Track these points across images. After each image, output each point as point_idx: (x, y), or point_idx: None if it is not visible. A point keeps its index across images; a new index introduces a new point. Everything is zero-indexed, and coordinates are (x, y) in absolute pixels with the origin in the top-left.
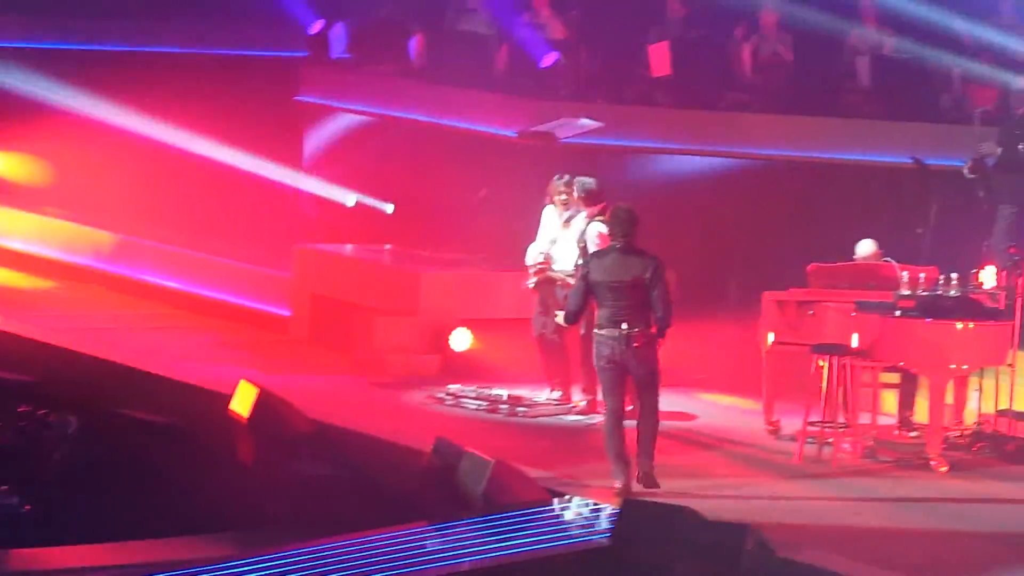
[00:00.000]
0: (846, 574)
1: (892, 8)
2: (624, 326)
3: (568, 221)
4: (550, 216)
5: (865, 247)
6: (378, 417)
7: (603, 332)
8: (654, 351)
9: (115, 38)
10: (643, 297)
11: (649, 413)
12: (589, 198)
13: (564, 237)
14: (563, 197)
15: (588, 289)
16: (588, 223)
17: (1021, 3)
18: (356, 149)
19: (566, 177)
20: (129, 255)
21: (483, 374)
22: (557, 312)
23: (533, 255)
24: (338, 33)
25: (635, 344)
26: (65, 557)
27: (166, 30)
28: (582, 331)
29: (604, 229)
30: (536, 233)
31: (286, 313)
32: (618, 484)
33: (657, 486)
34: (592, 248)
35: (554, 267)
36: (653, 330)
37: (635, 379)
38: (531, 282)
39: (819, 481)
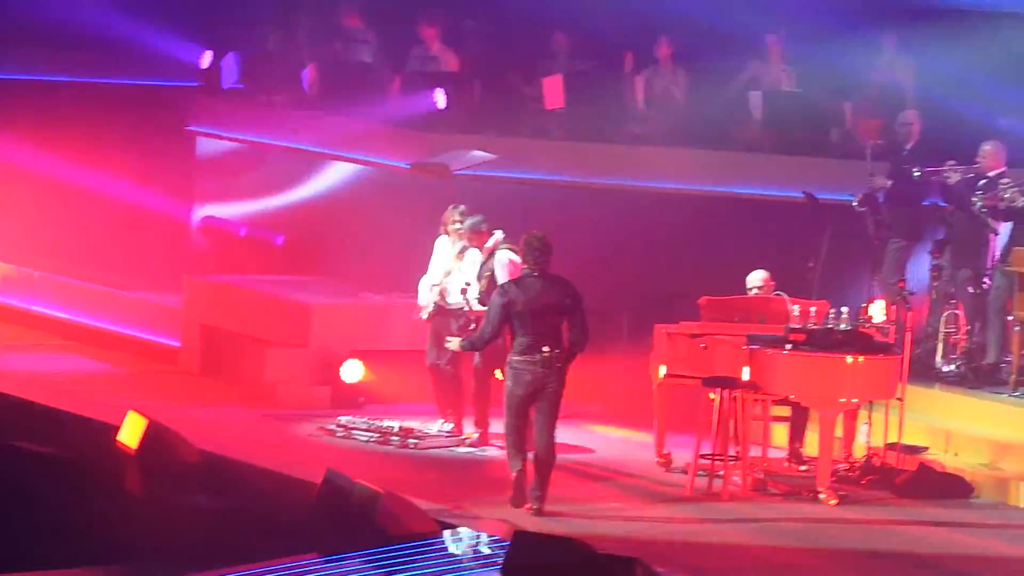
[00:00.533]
0: None
1: (789, 45)
2: (545, 350)
3: (462, 252)
4: (443, 246)
5: (756, 277)
6: (269, 449)
7: (523, 358)
8: (566, 374)
9: (7, 67)
10: (560, 322)
11: (549, 442)
12: (473, 237)
13: (458, 268)
14: (458, 227)
15: (506, 316)
16: (494, 252)
17: (902, 41)
18: (248, 179)
19: (461, 207)
20: (19, 285)
21: (375, 406)
22: (450, 339)
23: (425, 287)
24: (229, 63)
25: (557, 365)
26: None
27: (58, 59)
28: (476, 362)
29: (515, 257)
30: (428, 264)
31: (176, 344)
32: (515, 471)
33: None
34: (502, 277)
35: (448, 299)
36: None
37: (542, 404)
38: (424, 313)
39: (710, 514)
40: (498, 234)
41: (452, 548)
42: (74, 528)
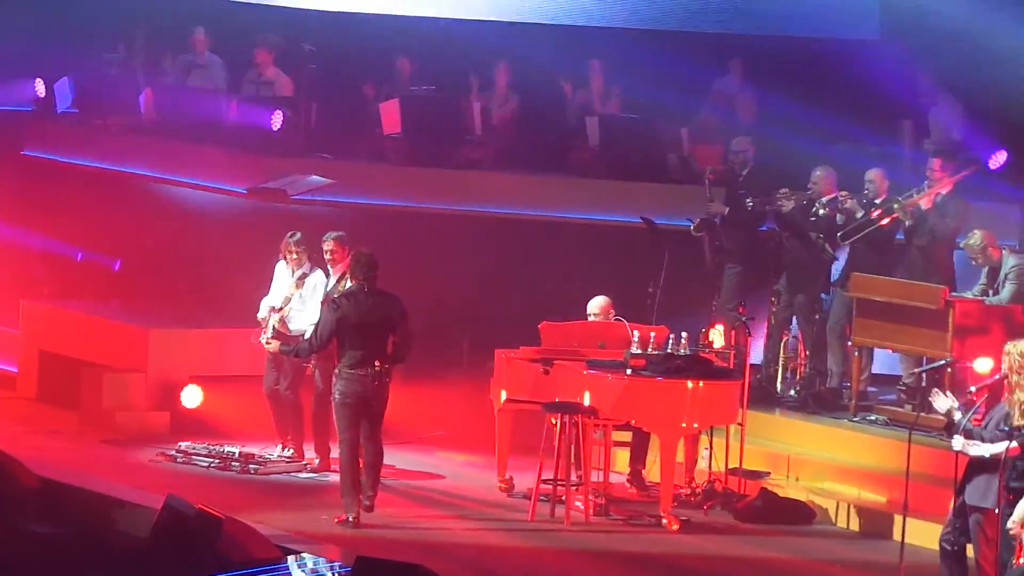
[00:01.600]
0: None
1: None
2: (376, 364)
3: (302, 279)
4: (282, 272)
5: (597, 303)
6: (108, 474)
7: (355, 371)
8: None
9: None
10: (387, 335)
11: (378, 447)
12: (346, 250)
13: (298, 295)
14: (294, 255)
15: (337, 330)
16: (346, 275)
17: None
18: (84, 204)
19: (298, 235)
20: None
21: (215, 431)
22: (271, 341)
23: (265, 309)
24: (63, 87)
25: (386, 380)
26: None
27: None
28: (318, 388)
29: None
30: (269, 288)
31: (13, 369)
32: (350, 516)
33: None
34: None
35: (290, 325)
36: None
37: (370, 414)
38: (270, 344)
39: (553, 539)
40: None
41: (295, 574)
42: None
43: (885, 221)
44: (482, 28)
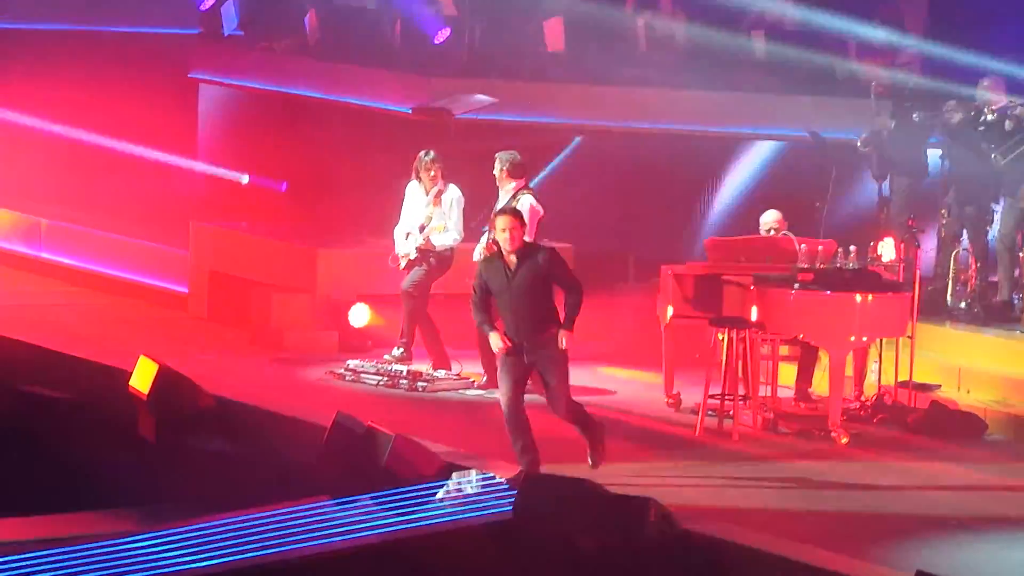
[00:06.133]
0: (747, 545)
1: None
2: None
3: (438, 196)
4: (414, 192)
5: (772, 216)
6: (278, 393)
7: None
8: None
9: (7, 16)
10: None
11: (569, 405)
12: (515, 171)
13: (438, 212)
14: (431, 173)
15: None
16: (516, 197)
17: None
18: (250, 126)
19: (432, 153)
20: (28, 233)
21: (382, 350)
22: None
23: (400, 236)
24: (229, 10)
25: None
26: None
27: (59, 7)
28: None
29: (536, 203)
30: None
31: (184, 290)
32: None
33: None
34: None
35: (434, 241)
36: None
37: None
38: (403, 262)
39: (720, 454)
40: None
41: (464, 490)
42: (87, 473)
43: None
44: None
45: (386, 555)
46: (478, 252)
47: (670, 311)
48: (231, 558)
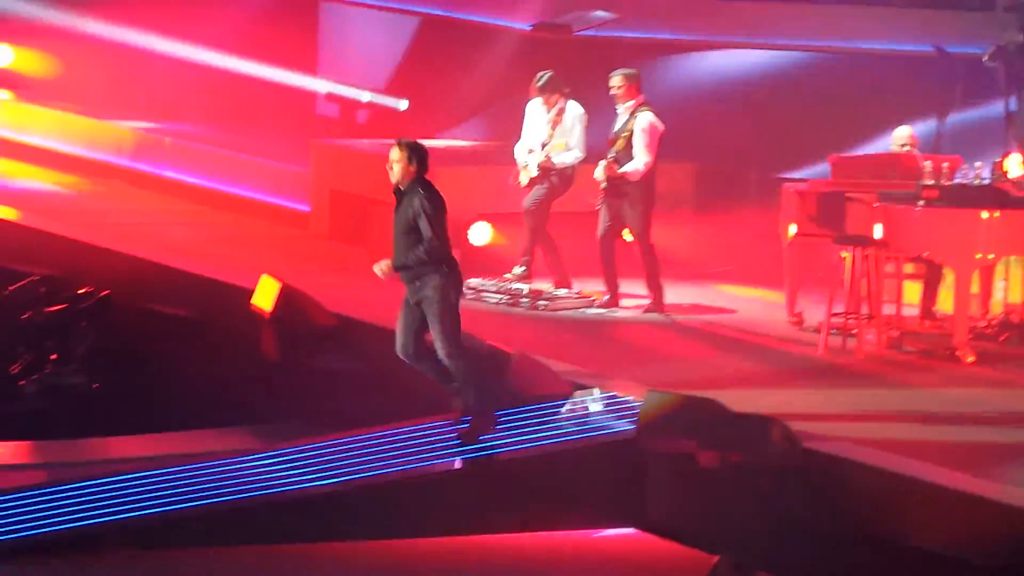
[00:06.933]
0: (871, 464)
1: None
2: None
3: (560, 114)
4: (535, 111)
5: (903, 132)
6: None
7: None
8: None
9: None
10: None
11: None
12: (633, 87)
13: (560, 130)
14: (551, 93)
15: None
16: (635, 114)
17: None
18: (370, 44)
19: (549, 73)
20: (150, 151)
21: (503, 268)
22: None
23: (523, 152)
24: None
25: None
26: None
27: None
28: (606, 223)
29: (657, 122)
30: (531, 128)
31: (306, 208)
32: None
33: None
34: (641, 140)
35: (555, 159)
36: None
37: None
38: (524, 178)
39: (844, 372)
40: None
41: (586, 408)
42: (210, 390)
43: None
44: None
45: (510, 473)
46: (599, 171)
47: (793, 229)
48: (355, 476)
